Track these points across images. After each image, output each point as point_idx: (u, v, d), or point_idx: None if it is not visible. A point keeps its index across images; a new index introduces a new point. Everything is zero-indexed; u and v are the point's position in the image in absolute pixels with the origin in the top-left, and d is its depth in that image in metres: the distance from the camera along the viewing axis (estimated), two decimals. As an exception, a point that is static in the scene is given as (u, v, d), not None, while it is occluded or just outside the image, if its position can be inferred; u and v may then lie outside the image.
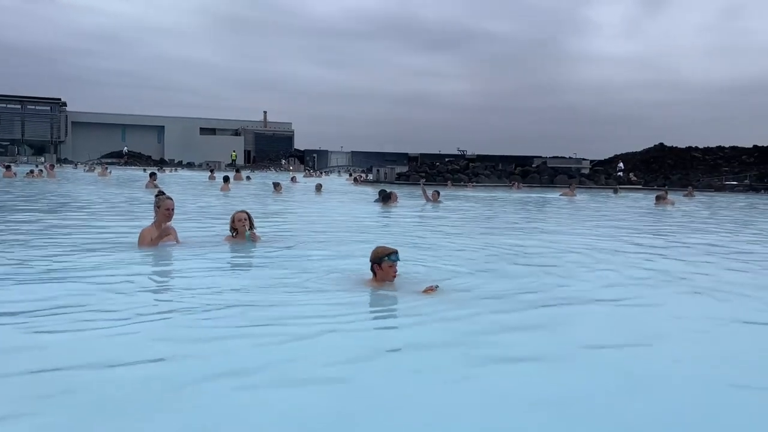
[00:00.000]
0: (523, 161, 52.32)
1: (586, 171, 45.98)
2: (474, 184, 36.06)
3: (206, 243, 7.69)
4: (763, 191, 40.38)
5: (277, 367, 3.40)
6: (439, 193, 18.68)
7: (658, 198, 20.64)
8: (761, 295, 5.83)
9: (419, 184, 24.97)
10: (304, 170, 66.30)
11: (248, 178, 36.14)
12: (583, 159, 55.78)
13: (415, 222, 13.53)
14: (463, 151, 71.77)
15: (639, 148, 63.38)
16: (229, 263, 6.88)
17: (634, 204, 22.33)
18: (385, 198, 16.52)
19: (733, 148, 57.58)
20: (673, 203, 20.72)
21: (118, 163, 64.88)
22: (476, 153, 67.93)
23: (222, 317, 4.39)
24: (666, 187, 33.42)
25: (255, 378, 3.21)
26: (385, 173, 42.29)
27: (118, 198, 17.50)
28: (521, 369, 3.45)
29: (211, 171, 40.31)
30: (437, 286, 5.05)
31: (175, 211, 7.26)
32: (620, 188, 35.78)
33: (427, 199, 18.19)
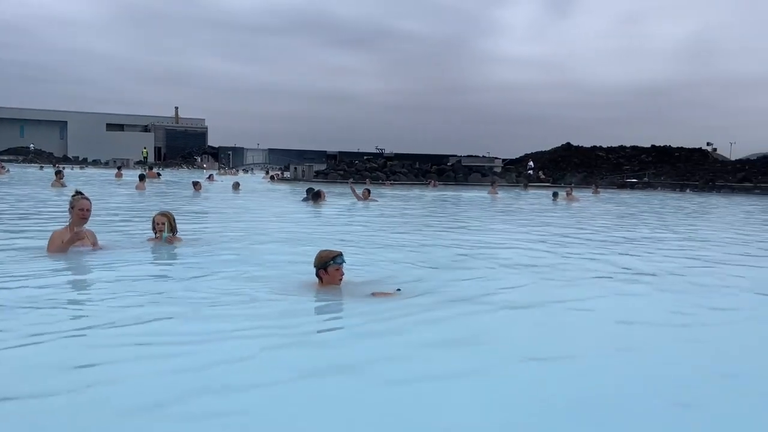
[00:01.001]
0: (439, 160, 53.39)
1: (498, 169, 47.43)
2: (392, 182, 36.37)
3: (124, 247, 7.09)
4: (659, 188, 43.20)
5: (198, 398, 2.86)
6: (369, 192, 18.67)
7: (555, 195, 21.97)
8: (679, 284, 6.18)
9: (347, 182, 24.90)
10: (219, 168, 64.55)
11: (159, 174, 34.86)
12: (496, 158, 57.53)
13: (349, 221, 13.29)
14: (381, 149, 72.31)
15: (548, 148, 66.20)
16: (148, 270, 6.24)
17: (544, 201, 23.22)
18: (315, 196, 16.29)
19: (634, 148, 61.23)
20: (578, 200, 21.87)
21: (16, 160, 60.65)
22: (394, 151, 68.60)
23: (135, 335, 3.78)
24: (572, 185, 35.01)
25: (171, 411, 2.71)
26: (303, 171, 41.87)
27: (18, 199, 16.22)
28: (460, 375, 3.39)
29: (119, 168, 38.49)
30: (399, 290, 4.88)
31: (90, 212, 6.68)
32: (530, 185, 37.47)
33: (358, 198, 18.13)
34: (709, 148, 61.39)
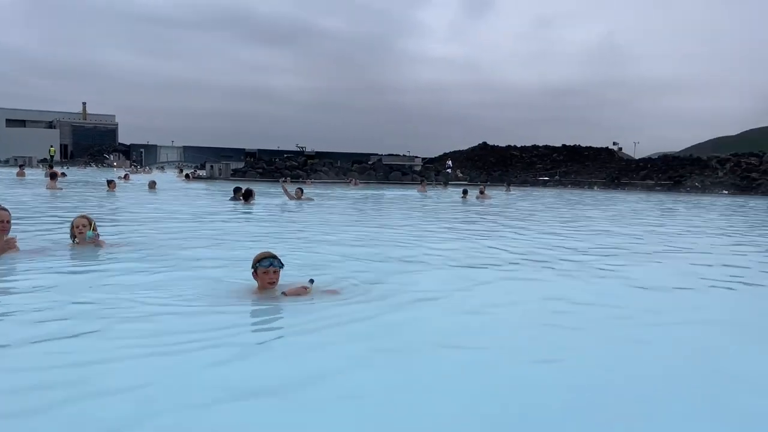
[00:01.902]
0: (361, 158, 53.54)
1: (418, 168, 48.13)
2: (312, 180, 36.15)
3: (43, 251, 6.59)
4: (569, 185, 45.25)
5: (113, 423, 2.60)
6: (302, 191, 18.44)
7: (464, 193, 22.81)
8: (584, 276, 6.47)
9: (279, 181, 24.51)
10: (130, 166, 61.87)
11: (63, 174, 32.96)
12: (416, 157, 58.30)
13: (284, 221, 12.94)
14: (302, 147, 71.59)
15: (465, 147, 67.75)
16: (68, 276, 5.77)
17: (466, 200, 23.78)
18: (246, 196, 15.87)
19: (546, 147, 63.69)
20: (490, 197, 22.78)
21: None
22: (315, 150, 68.17)
23: (45, 354, 3.42)
24: (487, 183, 36.06)
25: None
26: (220, 169, 40.84)
27: None
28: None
29: (21, 167, 36.19)
30: (312, 281, 4.77)
31: None
32: (449, 183, 38.40)
33: (290, 197, 17.89)
34: (615, 148, 64.75)
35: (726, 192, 37.89)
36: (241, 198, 15.97)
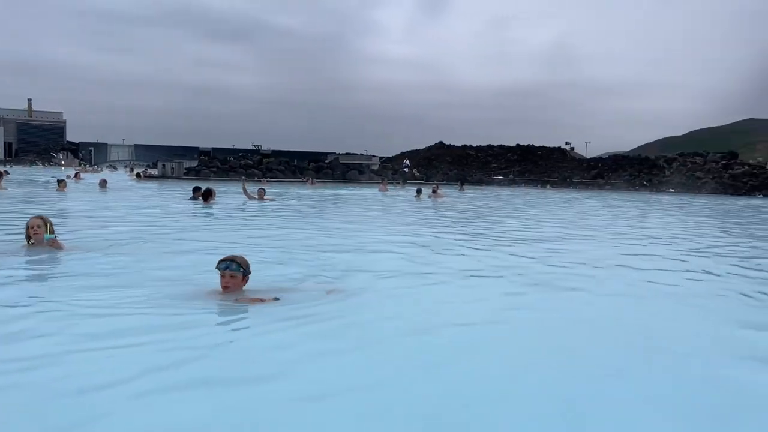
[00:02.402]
0: (317, 157, 53.26)
1: (375, 167, 48.16)
2: (268, 179, 35.76)
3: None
4: (523, 184, 46.08)
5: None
6: (265, 191, 18.08)
7: (418, 192, 23.04)
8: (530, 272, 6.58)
9: (240, 180, 24.08)
10: (79, 164, 60.01)
11: (6, 172, 31.72)
12: (373, 156, 58.31)
13: (245, 221, 12.63)
14: (258, 146, 70.59)
15: (422, 146, 68.12)
16: (24, 279, 5.52)
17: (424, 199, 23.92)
18: (205, 195, 15.48)
19: (501, 147, 64.63)
20: (443, 196, 23.04)
21: None
22: (271, 148, 67.30)
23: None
24: (443, 182, 36.42)
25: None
26: (173, 168, 40.01)
27: None
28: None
29: (-41, 165, 34.64)
30: (277, 299, 4.59)
31: None
32: (407, 182, 38.65)
33: (250, 197, 17.54)
34: (567, 148, 66.20)
35: (672, 190, 39.20)
36: (200, 198, 15.62)
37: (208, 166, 41.29)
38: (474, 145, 65.79)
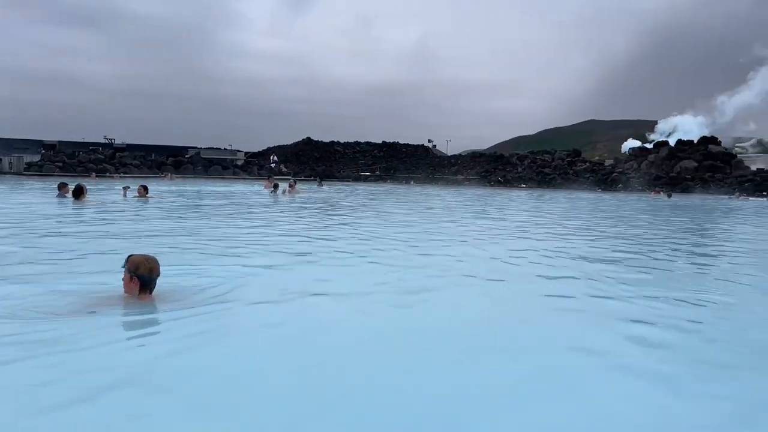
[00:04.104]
0: (178, 151, 50.68)
1: (240, 162, 46.87)
2: (121, 175, 33.55)
3: None
4: (389, 180, 47.08)
5: None
6: (146, 188, 16.97)
7: (275, 187, 22.78)
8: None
9: (109, 177, 22.30)
10: None
11: None
12: (238, 150, 56.66)
13: (125, 220, 11.67)
14: (110, 139, 65.85)
15: (289, 142, 67.42)
16: None
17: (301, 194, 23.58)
18: (77, 193, 14.23)
19: (368, 143, 65.69)
20: (299, 192, 23.12)
21: None
22: (126, 142, 63.06)
23: None
24: (301, 177, 36.29)
25: None
26: (11, 163, 36.26)
27: None
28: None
29: None
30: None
31: None
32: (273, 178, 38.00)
33: (124, 196, 16.56)
34: (430, 145, 68.72)
35: (524, 185, 41.95)
36: (67, 195, 14.42)
37: (53, 161, 37.79)
38: (342, 141, 66.28)
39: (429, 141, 68.87)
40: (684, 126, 59.41)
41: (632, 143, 56.12)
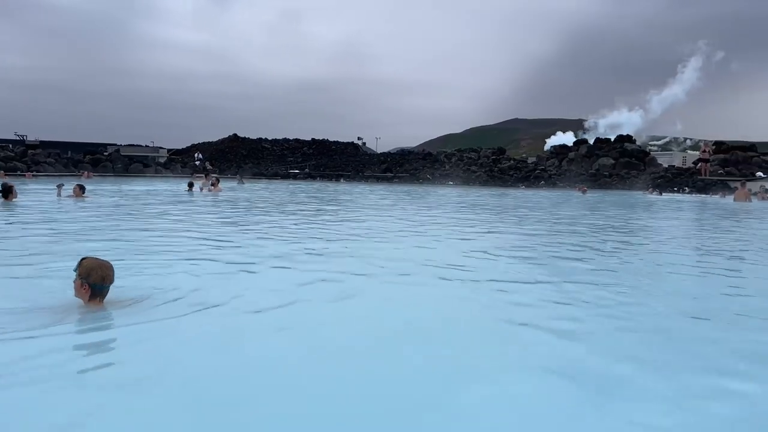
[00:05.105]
0: (95, 149, 48.45)
1: (163, 159, 45.36)
2: (34, 173, 31.79)
3: None
4: (318, 178, 46.79)
5: None
6: (83, 188, 16.10)
7: (190, 185, 22.48)
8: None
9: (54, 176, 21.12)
10: None
11: None
12: (161, 147, 54.78)
13: (61, 221, 11.07)
14: (22, 136, 62.19)
15: (215, 138, 65.70)
16: None
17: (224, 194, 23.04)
18: (5, 192, 13.46)
19: (297, 140, 64.89)
20: (221, 189, 22.76)
21: None
22: (40, 138, 59.72)
23: None
24: (218, 177, 35.60)
25: None
26: None
27: None
28: None
29: None
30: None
31: None
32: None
33: (59, 195, 15.67)
34: (359, 142, 68.73)
35: (452, 183, 42.70)
36: (2, 195, 13.74)
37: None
38: (270, 138, 65.20)
39: (359, 138, 68.90)
40: (630, 120, 62.50)
41: (561, 137, 58.19)
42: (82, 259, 4.24)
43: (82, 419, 2.66)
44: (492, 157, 49.53)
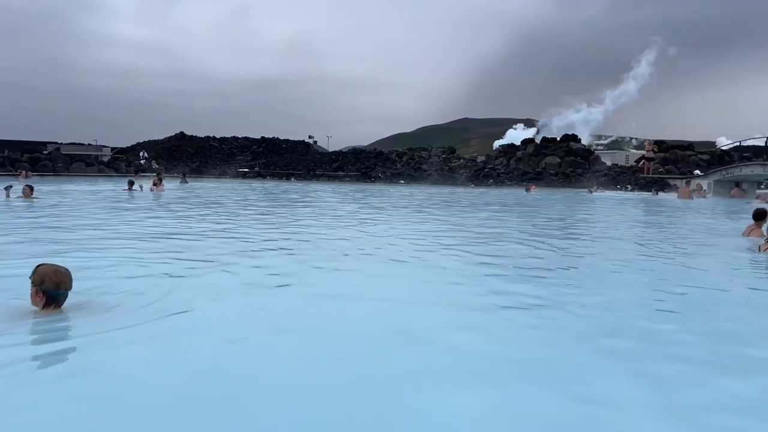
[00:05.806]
0: (34, 147, 46.54)
1: (106, 158, 44.02)
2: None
3: None
4: (269, 177, 46.27)
5: None
6: (32, 189, 15.36)
7: (130, 184, 21.93)
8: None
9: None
10: None
11: None
12: (104, 146, 53.13)
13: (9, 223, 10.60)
14: (-47, 133, 59.34)
15: (161, 136, 64.07)
16: None
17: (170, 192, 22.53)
18: None
19: (246, 139, 63.94)
20: (164, 189, 22.28)
21: None
22: (-28, 136, 57.06)
23: None
24: (161, 175, 34.95)
25: None
26: None
27: None
28: None
29: None
30: None
31: None
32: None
33: (8, 196, 15.26)
34: (310, 141, 68.26)
35: (403, 181, 42.94)
36: None
37: None
38: (218, 136, 64.04)
39: (310, 137, 68.50)
40: (582, 118, 64.20)
41: (521, 132, 59.25)
42: (38, 265, 4.11)
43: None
44: (443, 156, 50.05)
